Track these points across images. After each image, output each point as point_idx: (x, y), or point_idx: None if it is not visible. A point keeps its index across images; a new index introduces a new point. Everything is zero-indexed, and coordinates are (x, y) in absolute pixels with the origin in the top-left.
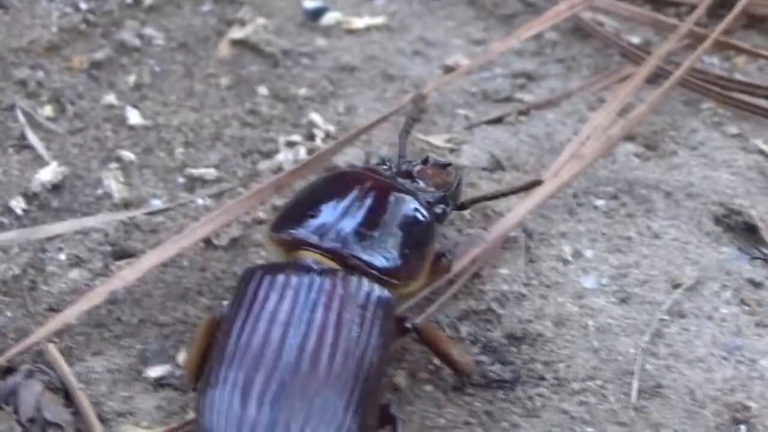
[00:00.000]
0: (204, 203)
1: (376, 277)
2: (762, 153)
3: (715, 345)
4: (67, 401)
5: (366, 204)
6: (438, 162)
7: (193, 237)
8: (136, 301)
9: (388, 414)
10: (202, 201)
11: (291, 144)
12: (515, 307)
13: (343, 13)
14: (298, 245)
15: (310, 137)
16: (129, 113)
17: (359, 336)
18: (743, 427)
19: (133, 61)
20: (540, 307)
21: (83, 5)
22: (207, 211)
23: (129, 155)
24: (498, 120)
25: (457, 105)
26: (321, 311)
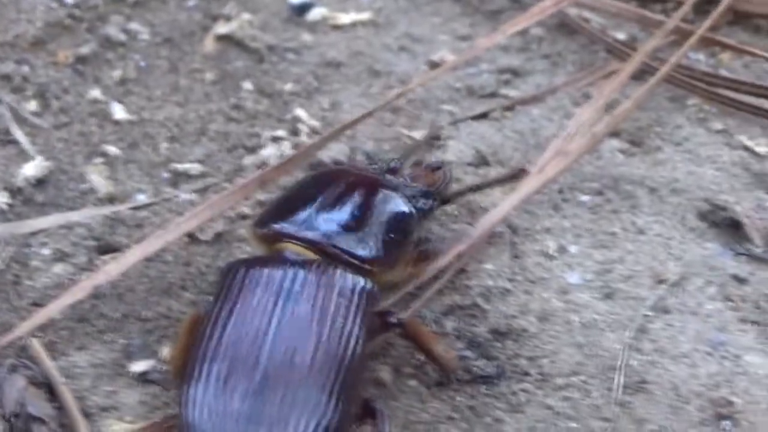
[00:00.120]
0: (188, 198)
1: (356, 267)
2: (747, 149)
3: (700, 341)
4: (51, 396)
5: (347, 198)
6: (430, 165)
7: (178, 232)
8: (119, 296)
9: (371, 408)
10: (186, 196)
11: (276, 139)
12: (500, 303)
13: (329, 9)
14: (279, 239)
15: (294, 132)
16: (114, 108)
17: (340, 326)
18: (727, 423)
19: (118, 56)
20: (524, 303)
21: (68, 0)
22: (191, 206)
23: (114, 150)
24: (483, 115)
25: (443, 100)
26: (300, 302)
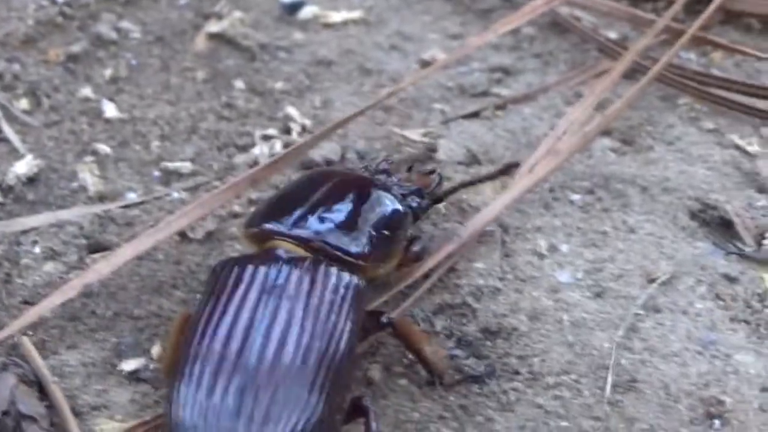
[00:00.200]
0: (179, 197)
1: (347, 264)
2: (738, 148)
3: (690, 340)
4: (42, 394)
5: (339, 197)
6: (421, 171)
7: (169, 230)
8: (110, 295)
9: (361, 406)
10: (177, 194)
11: (267, 138)
12: (490, 302)
13: (321, 7)
14: (270, 237)
15: (286, 131)
16: (105, 106)
17: (330, 323)
18: (717, 422)
19: (110, 55)
20: (515, 302)
21: None
22: (182, 205)
23: (105, 148)
24: (474, 114)
25: (434, 99)
26: (291, 299)
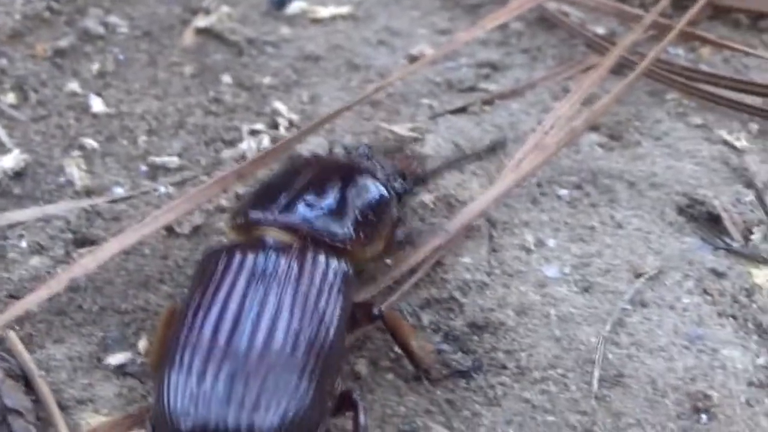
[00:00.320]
0: (166, 191)
1: (332, 247)
2: (726, 143)
3: (677, 334)
4: (28, 388)
5: (323, 182)
6: (400, 155)
7: (155, 225)
8: (97, 289)
9: (350, 400)
10: (164, 189)
11: (254, 132)
12: (477, 296)
13: (308, 2)
14: (257, 227)
15: (273, 126)
16: (92, 101)
17: (318, 308)
18: (704, 417)
19: (97, 49)
20: (502, 296)
21: None
22: (169, 199)
23: (92, 143)
24: (462, 109)
25: (422, 94)
26: (280, 285)
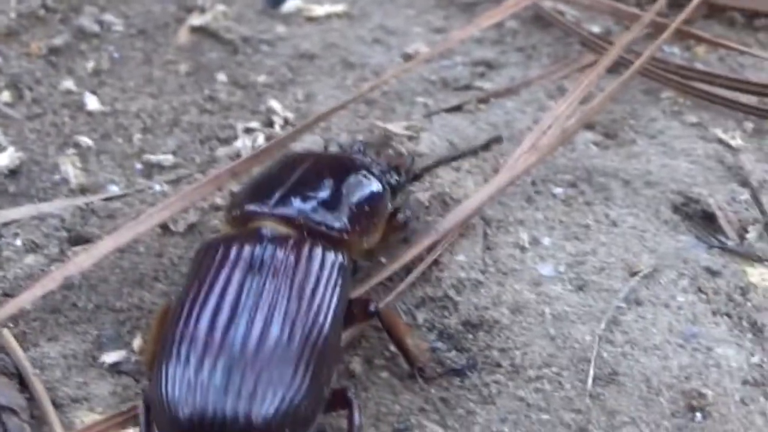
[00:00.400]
0: (161, 189)
1: (328, 239)
2: (721, 142)
3: (672, 333)
4: (22, 386)
5: (319, 176)
6: (393, 152)
7: (150, 223)
8: (92, 287)
9: (345, 398)
10: (159, 187)
11: (249, 131)
12: (472, 294)
13: (304, 1)
14: (253, 219)
15: (268, 124)
16: (87, 99)
17: (315, 299)
18: (699, 415)
19: (92, 47)
20: (497, 294)
21: None
22: (164, 197)
23: (87, 141)
24: (457, 108)
25: (417, 93)
26: (276, 276)
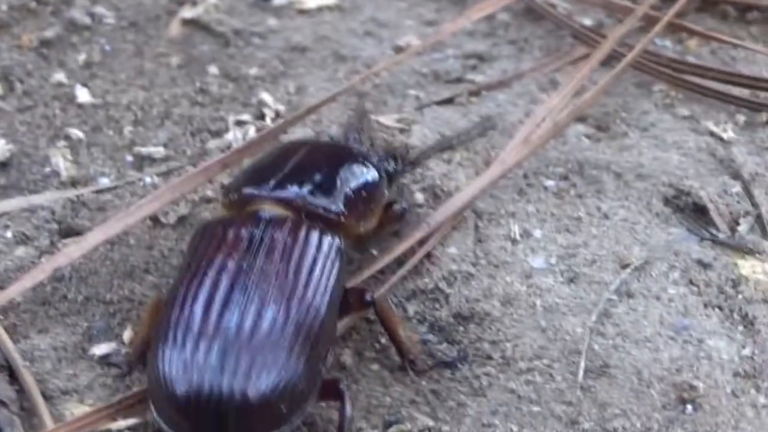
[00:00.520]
0: (152, 181)
1: (325, 222)
2: (712, 135)
3: (663, 325)
4: (12, 378)
5: (315, 161)
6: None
7: (140, 215)
8: (82, 279)
9: (336, 390)
10: (150, 179)
11: (240, 123)
12: (463, 287)
13: None
14: (251, 202)
15: (260, 116)
16: (78, 91)
17: (311, 281)
18: (690, 407)
19: (83, 40)
20: (488, 287)
21: None
22: (155, 190)
23: (77, 133)
24: (449, 101)
25: (408, 85)
26: (271, 257)
